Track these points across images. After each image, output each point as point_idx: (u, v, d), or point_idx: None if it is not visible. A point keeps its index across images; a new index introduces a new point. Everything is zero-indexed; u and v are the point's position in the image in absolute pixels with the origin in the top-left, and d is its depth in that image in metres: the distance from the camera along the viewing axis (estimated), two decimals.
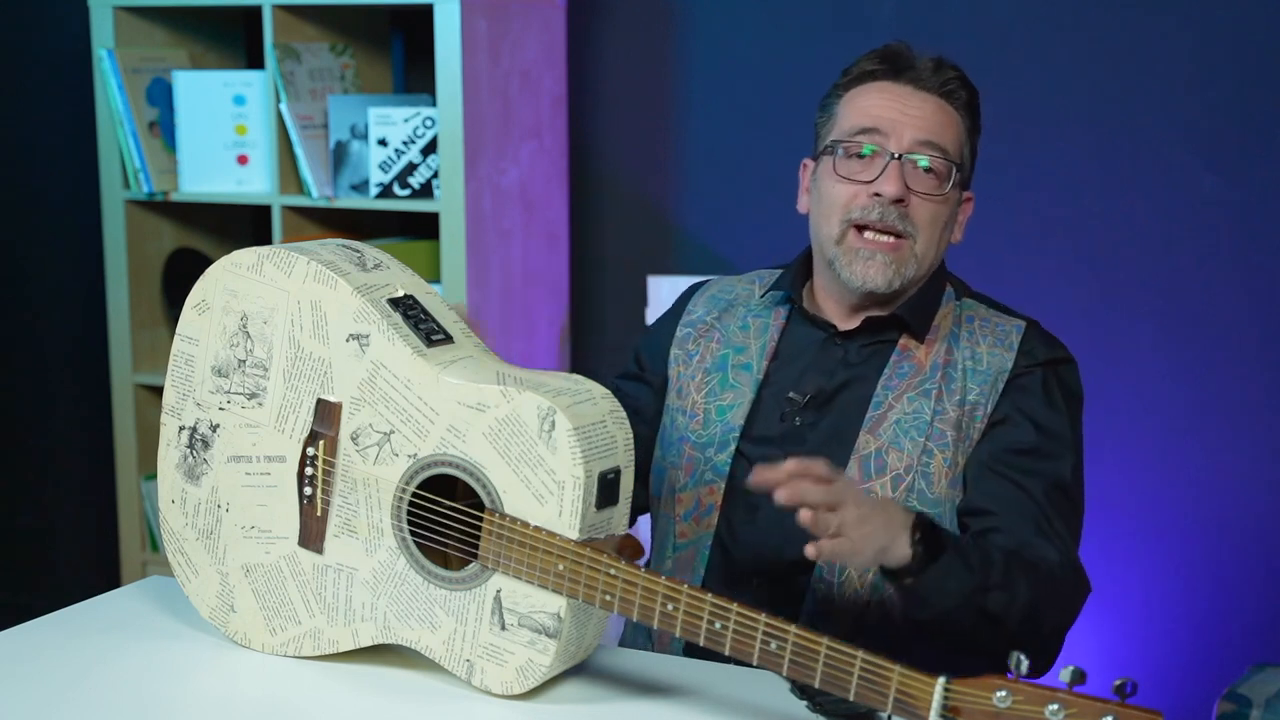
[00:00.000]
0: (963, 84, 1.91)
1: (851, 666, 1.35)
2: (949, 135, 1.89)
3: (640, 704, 1.57)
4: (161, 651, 1.69)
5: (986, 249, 3.16)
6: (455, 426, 1.55)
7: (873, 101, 1.89)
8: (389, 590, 1.60)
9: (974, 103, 1.93)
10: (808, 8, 3.22)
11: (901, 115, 1.87)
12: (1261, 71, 2.97)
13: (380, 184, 3.17)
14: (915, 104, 1.88)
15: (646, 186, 3.43)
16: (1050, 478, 1.83)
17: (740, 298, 2.02)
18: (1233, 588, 3.09)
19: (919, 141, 1.86)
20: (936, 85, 1.89)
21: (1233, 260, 3.03)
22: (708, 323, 2.01)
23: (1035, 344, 1.90)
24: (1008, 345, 1.90)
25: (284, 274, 1.65)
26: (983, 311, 1.95)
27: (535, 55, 3.27)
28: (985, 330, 1.92)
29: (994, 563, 1.68)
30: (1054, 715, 1.23)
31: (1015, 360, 1.88)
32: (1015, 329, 1.92)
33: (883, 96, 1.89)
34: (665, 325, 2.06)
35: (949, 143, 1.89)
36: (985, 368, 1.88)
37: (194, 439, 1.70)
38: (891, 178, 1.85)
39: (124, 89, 3.32)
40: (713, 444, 1.92)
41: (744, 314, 2.00)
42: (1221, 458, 3.07)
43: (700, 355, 1.98)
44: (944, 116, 1.89)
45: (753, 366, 1.94)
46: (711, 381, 1.96)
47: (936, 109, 1.89)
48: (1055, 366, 1.90)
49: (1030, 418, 1.85)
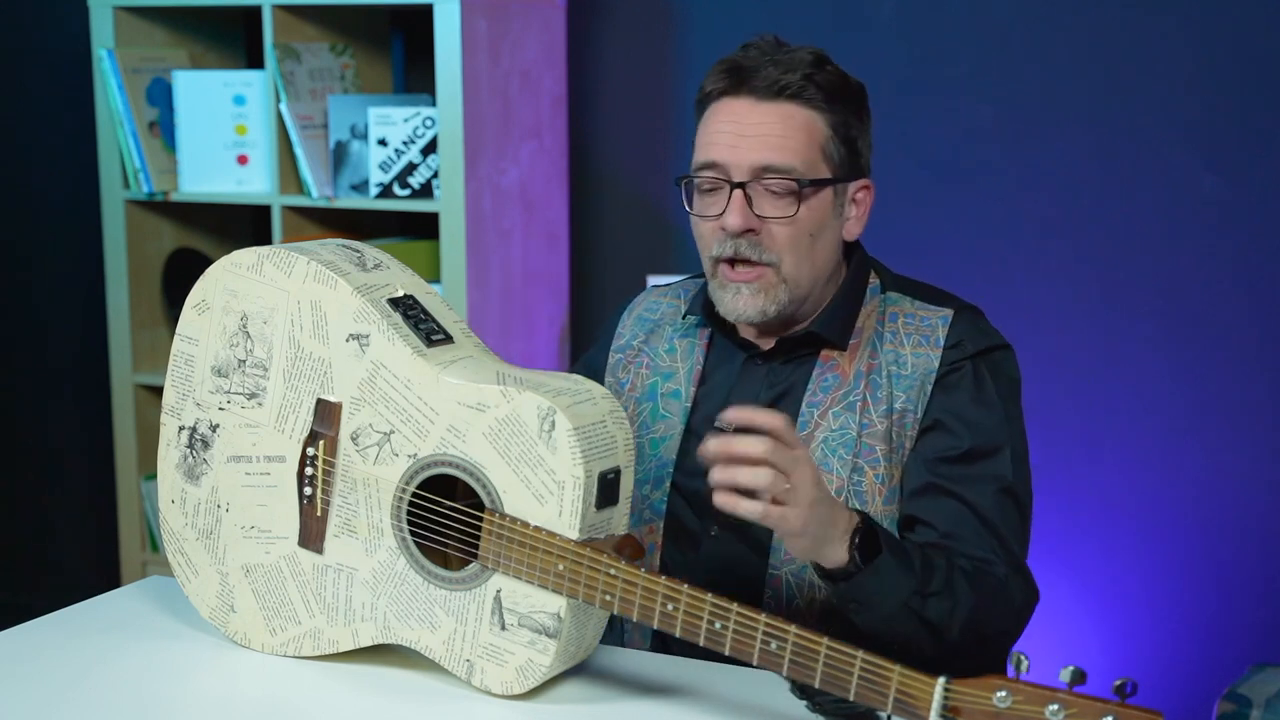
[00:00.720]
0: (810, 78, 1.79)
1: (851, 666, 1.35)
2: (795, 146, 1.77)
3: (640, 704, 1.57)
4: (161, 651, 1.69)
5: (986, 249, 3.16)
6: (455, 426, 1.55)
7: (713, 129, 1.80)
8: (389, 590, 1.60)
9: (837, 89, 1.80)
10: (808, 8, 3.22)
11: (739, 140, 1.77)
12: (1261, 71, 2.97)
13: (380, 184, 3.17)
14: (754, 121, 1.77)
15: (646, 186, 3.43)
16: (992, 481, 1.76)
17: (666, 316, 1.98)
18: (1233, 588, 3.09)
19: (757, 167, 1.76)
20: (776, 91, 1.78)
21: (1233, 260, 3.03)
22: (635, 347, 1.97)
23: (963, 335, 1.81)
24: (933, 341, 1.81)
25: (284, 274, 1.65)
26: (907, 306, 1.85)
27: (535, 55, 3.27)
28: (910, 327, 1.83)
29: (935, 568, 1.64)
30: (1054, 715, 1.23)
31: (941, 357, 1.80)
32: (941, 321, 1.82)
33: (722, 120, 1.79)
34: (599, 351, 2.02)
35: (795, 156, 1.77)
36: (910, 371, 1.80)
37: (194, 439, 1.70)
38: (733, 211, 1.76)
39: (124, 89, 3.32)
40: (648, 480, 1.89)
41: (670, 335, 1.95)
42: (1221, 458, 3.07)
43: (631, 384, 1.95)
44: (787, 126, 1.77)
45: (681, 394, 1.90)
46: (643, 413, 1.92)
47: (779, 120, 1.77)
48: (986, 356, 1.82)
49: (961, 418, 1.78)
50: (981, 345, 1.82)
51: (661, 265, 3.41)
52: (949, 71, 3.17)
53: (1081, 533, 3.14)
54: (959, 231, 3.19)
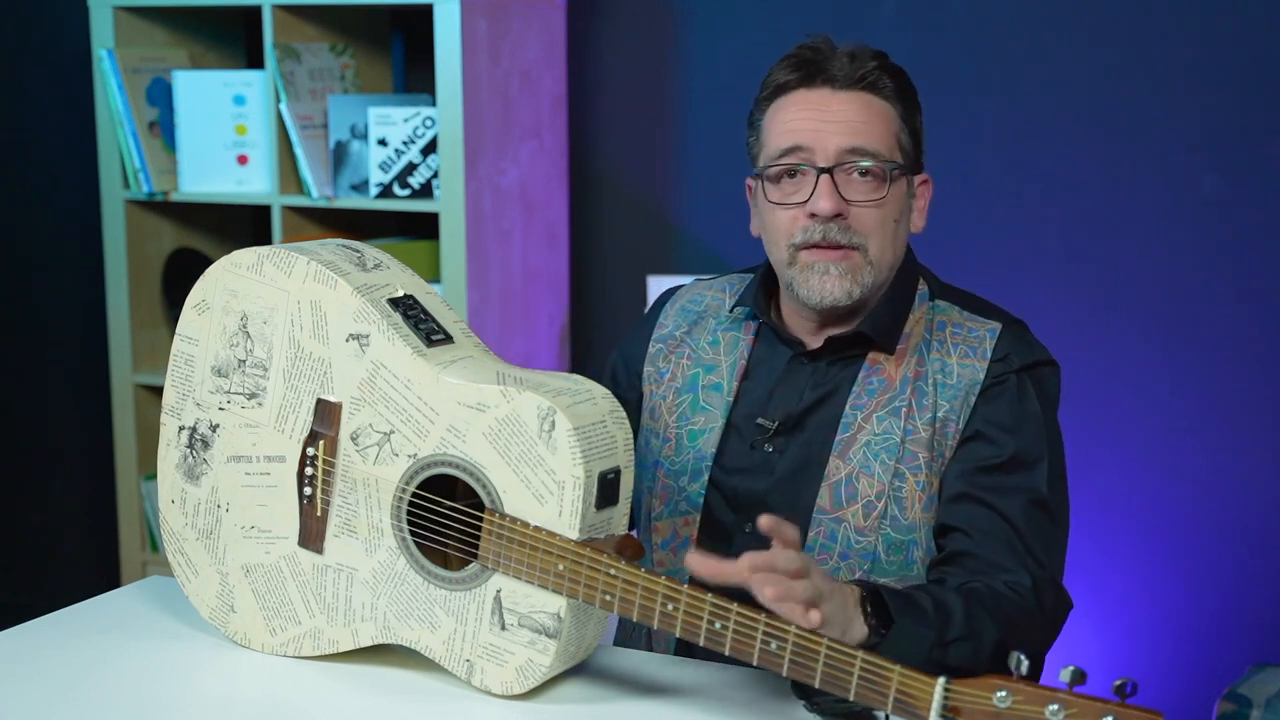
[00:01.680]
0: (884, 70, 1.82)
1: (851, 666, 1.35)
2: (878, 132, 1.80)
3: (640, 704, 1.57)
4: (161, 651, 1.69)
5: (986, 249, 3.16)
6: (455, 426, 1.55)
7: (792, 116, 1.81)
8: (389, 590, 1.60)
9: (904, 85, 1.84)
10: (808, 8, 3.22)
11: (823, 125, 1.79)
12: (1261, 71, 2.97)
13: (380, 184, 3.17)
14: (836, 108, 1.80)
15: (646, 186, 3.43)
16: (1025, 493, 1.76)
17: (710, 308, 1.96)
18: (1233, 588, 3.09)
19: (845, 150, 1.78)
20: (855, 80, 1.80)
21: (1233, 260, 3.03)
22: (677, 337, 1.95)
23: (1010, 349, 1.82)
24: (980, 353, 1.81)
25: (284, 274, 1.65)
26: (955, 315, 1.86)
27: (535, 55, 3.27)
28: (957, 337, 1.83)
29: (953, 614, 1.61)
30: (1054, 715, 1.23)
31: (988, 370, 1.80)
32: (989, 334, 1.83)
33: (801, 108, 1.81)
34: (638, 339, 2.00)
35: (879, 141, 1.80)
36: (956, 380, 1.80)
37: (194, 439, 1.70)
38: (823, 195, 1.77)
39: (124, 89, 3.32)
40: (685, 472, 1.88)
41: (714, 327, 1.94)
42: (1221, 458, 3.07)
43: (671, 373, 1.93)
44: (869, 113, 1.80)
45: (723, 387, 1.89)
46: (683, 404, 1.90)
47: (860, 107, 1.80)
48: (1031, 371, 1.82)
49: (1002, 429, 1.78)
50: (1027, 360, 1.82)
51: (661, 265, 3.41)
52: (949, 71, 3.17)
53: (1082, 533, 3.14)
54: (958, 231, 3.18)
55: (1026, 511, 1.75)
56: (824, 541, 1.79)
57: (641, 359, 1.97)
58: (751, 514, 1.82)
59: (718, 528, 1.86)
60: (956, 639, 1.61)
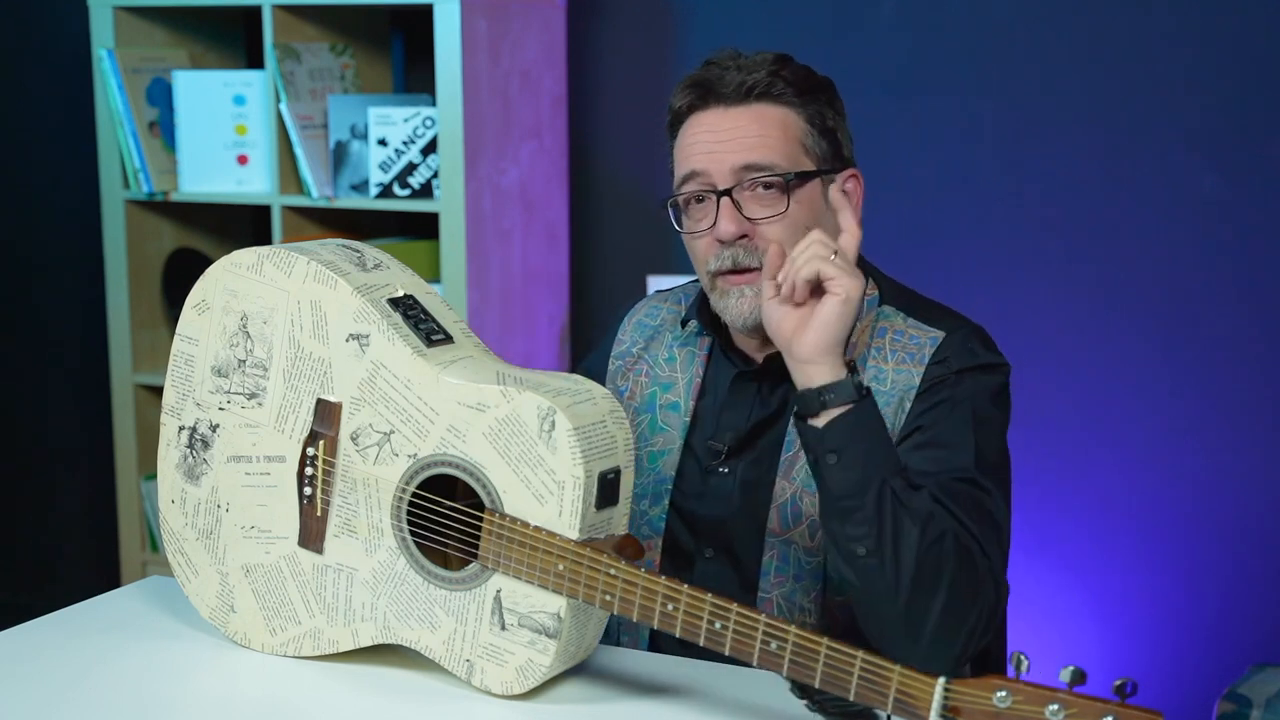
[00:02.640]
0: (777, 75, 1.75)
1: (851, 666, 1.35)
2: (773, 142, 1.74)
3: (640, 704, 1.57)
4: (161, 651, 1.69)
5: (985, 249, 3.16)
6: (455, 426, 1.55)
7: (690, 141, 1.77)
8: (389, 590, 1.60)
9: (806, 85, 1.77)
10: (808, 8, 3.22)
11: (715, 146, 1.74)
12: (1261, 71, 2.97)
13: (380, 184, 3.17)
14: (726, 126, 1.74)
15: (646, 186, 3.43)
16: (949, 471, 1.65)
17: (666, 323, 1.93)
18: (1233, 588, 3.09)
19: (740, 167, 1.73)
20: (744, 94, 1.75)
21: (1233, 260, 3.03)
22: (635, 354, 1.93)
23: (950, 354, 1.74)
24: (918, 359, 1.74)
25: (284, 274, 1.65)
26: (899, 322, 1.79)
27: (535, 55, 3.27)
28: (897, 344, 1.77)
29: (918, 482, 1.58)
30: (1054, 715, 1.23)
31: (924, 373, 1.73)
32: (930, 341, 1.76)
33: (697, 132, 1.76)
34: (600, 357, 1.98)
35: (774, 152, 1.74)
36: (890, 388, 1.74)
37: (194, 439, 1.71)
38: (724, 218, 1.73)
39: (124, 89, 3.33)
40: (646, 495, 1.86)
41: (670, 342, 1.91)
42: (1221, 458, 3.07)
43: (630, 391, 1.91)
44: (762, 124, 1.74)
45: (680, 406, 1.87)
46: (641, 424, 1.89)
47: (751, 120, 1.74)
48: (969, 374, 1.74)
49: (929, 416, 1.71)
50: (967, 364, 1.74)
51: (661, 265, 3.41)
52: (949, 71, 3.17)
53: (1082, 533, 3.14)
54: (958, 232, 3.19)
55: (949, 486, 1.64)
56: (778, 564, 1.77)
57: (602, 377, 1.94)
58: (710, 539, 1.82)
59: (679, 552, 1.85)
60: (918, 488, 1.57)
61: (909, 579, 1.56)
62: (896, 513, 1.56)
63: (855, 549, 1.57)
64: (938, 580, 1.56)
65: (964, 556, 1.58)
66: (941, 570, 1.57)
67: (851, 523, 1.57)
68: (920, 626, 1.57)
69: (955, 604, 1.57)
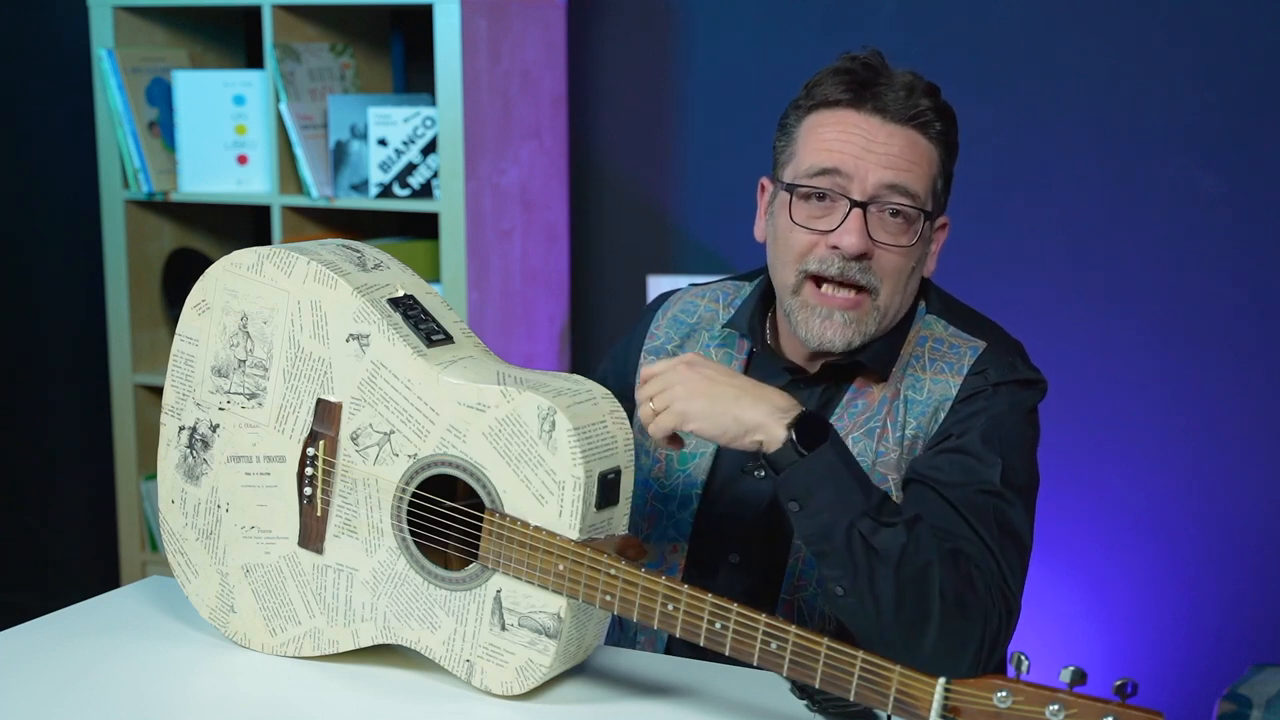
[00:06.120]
0: (937, 112, 1.73)
1: (852, 666, 1.35)
2: (919, 174, 1.71)
3: (640, 704, 1.57)
4: (161, 651, 1.69)
5: (986, 249, 3.16)
6: (455, 426, 1.55)
7: (834, 135, 1.71)
8: (389, 590, 1.60)
9: (949, 130, 1.76)
10: (807, 8, 3.22)
11: (865, 153, 1.69)
12: (1261, 71, 2.97)
13: (380, 184, 3.17)
14: (882, 139, 1.70)
15: (646, 186, 3.44)
16: (974, 483, 1.64)
17: (704, 321, 1.89)
18: (1233, 588, 3.09)
19: (885, 185, 1.69)
20: (907, 116, 1.71)
21: (1233, 260, 3.03)
22: (669, 351, 1.89)
23: (989, 366, 1.73)
24: (957, 369, 1.73)
25: (284, 274, 1.65)
26: (940, 330, 1.77)
27: (535, 55, 3.27)
28: (937, 353, 1.75)
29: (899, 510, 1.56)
30: (1054, 715, 1.23)
31: (962, 384, 1.71)
32: (970, 351, 1.74)
33: (845, 130, 1.70)
34: (630, 349, 1.95)
35: (918, 184, 1.70)
36: (926, 397, 1.72)
37: (194, 439, 1.70)
38: (852, 230, 1.68)
39: (124, 89, 3.32)
40: (675, 498, 1.83)
41: (707, 341, 1.87)
42: (1221, 458, 3.07)
43: None
44: (914, 153, 1.71)
45: None
46: None
47: (906, 145, 1.70)
48: (1006, 387, 1.72)
49: (962, 423, 1.69)
50: (1006, 377, 1.73)
51: (661, 265, 3.41)
52: (948, 72, 3.16)
53: (1082, 533, 3.14)
54: (958, 232, 3.18)
55: (974, 498, 1.63)
56: (803, 568, 1.77)
57: (633, 371, 1.91)
58: (736, 543, 1.81)
59: (704, 556, 1.83)
60: (890, 524, 1.55)
61: (890, 617, 1.57)
62: (868, 554, 1.56)
63: (834, 589, 1.59)
64: (924, 613, 1.56)
65: (957, 581, 1.58)
66: (927, 602, 1.56)
67: (826, 564, 1.59)
68: (915, 656, 1.57)
69: (951, 629, 1.57)
